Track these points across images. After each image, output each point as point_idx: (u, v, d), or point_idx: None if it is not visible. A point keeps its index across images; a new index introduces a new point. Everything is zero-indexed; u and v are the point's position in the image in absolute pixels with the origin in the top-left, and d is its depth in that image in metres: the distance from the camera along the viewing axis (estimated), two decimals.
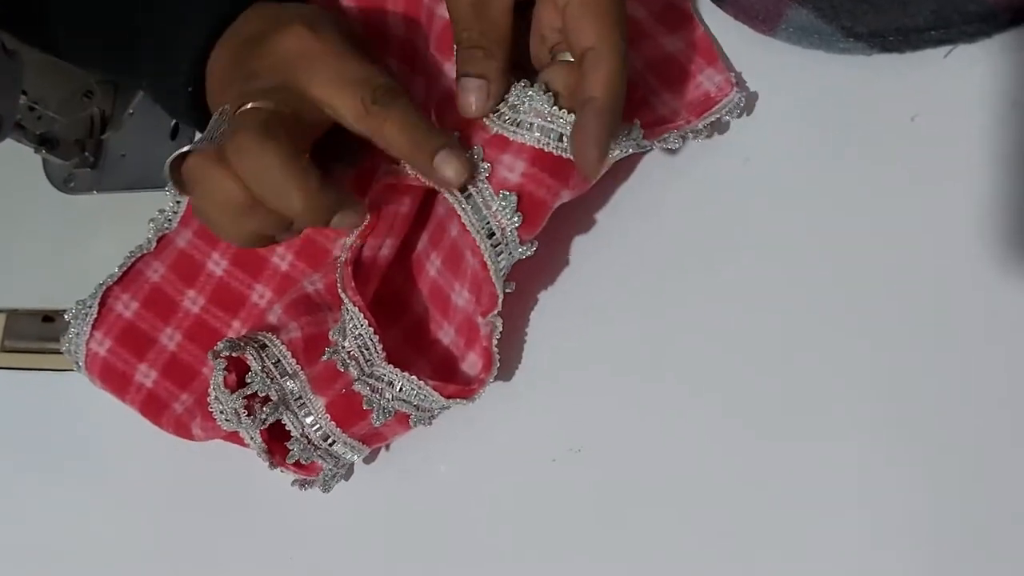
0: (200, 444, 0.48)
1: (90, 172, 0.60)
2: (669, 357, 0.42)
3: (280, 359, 0.43)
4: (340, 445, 0.43)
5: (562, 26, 0.38)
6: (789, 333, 0.40)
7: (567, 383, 0.44)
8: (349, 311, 0.41)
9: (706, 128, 0.43)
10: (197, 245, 0.48)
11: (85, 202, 0.60)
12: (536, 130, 0.39)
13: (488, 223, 0.39)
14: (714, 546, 0.39)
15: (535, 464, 0.43)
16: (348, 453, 0.43)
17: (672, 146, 0.42)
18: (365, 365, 0.41)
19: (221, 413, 0.43)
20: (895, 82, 0.41)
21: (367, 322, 0.40)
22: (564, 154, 0.39)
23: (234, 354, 0.43)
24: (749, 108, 0.43)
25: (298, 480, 0.45)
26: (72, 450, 0.54)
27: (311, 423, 0.42)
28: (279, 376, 0.43)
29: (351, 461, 0.45)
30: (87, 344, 0.48)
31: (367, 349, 0.41)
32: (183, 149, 0.38)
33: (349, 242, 0.43)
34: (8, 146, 0.55)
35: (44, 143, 0.57)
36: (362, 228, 0.42)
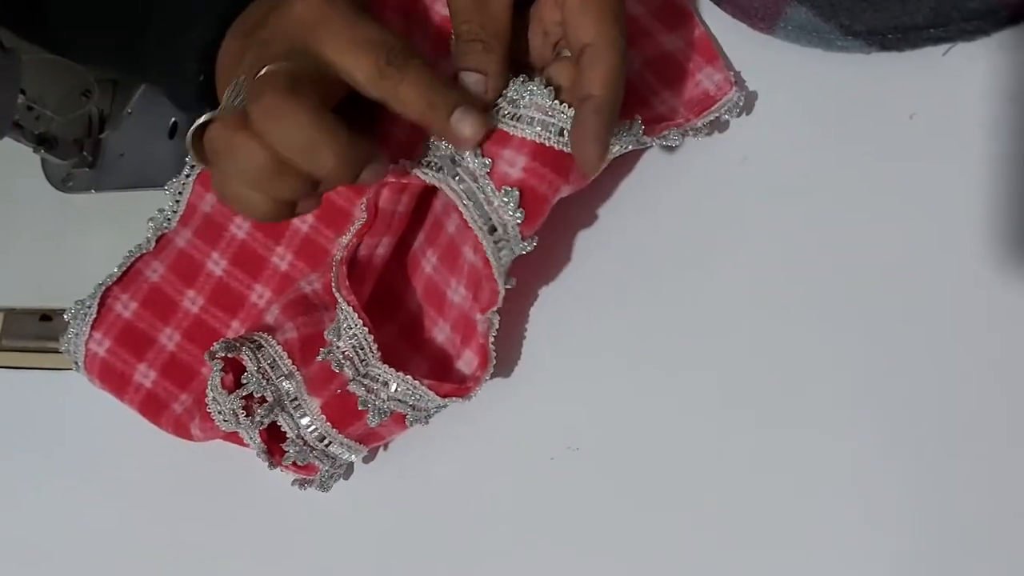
0: (199, 444, 0.48)
1: (88, 171, 0.60)
2: (667, 355, 0.42)
3: (276, 360, 0.43)
4: (336, 446, 0.43)
5: (561, 20, 0.37)
6: (787, 330, 0.40)
7: (565, 380, 0.44)
8: (344, 311, 0.41)
9: (705, 126, 0.43)
10: (196, 245, 0.48)
11: (83, 201, 0.60)
12: (537, 124, 0.39)
13: (490, 219, 0.39)
14: (712, 544, 0.39)
15: (534, 462, 0.43)
16: (345, 454, 0.43)
17: (672, 143, 0.42)
18: (360, 365, 0.41)
19: (219, 414, 0.44)
20: (894, 80, 0.41)
21: (362, 322, 0.40)
22: (565, 148, 0.39)
23: (230, 355, 0.43)
24: (748, 107, 0.43)
25: (298, 480, 0.45)
26: (70, 449, 0.54)
27: (307, 424, 0.42)
28: (275, 377, 0.43)
29: (348, 461, 0.45)
30: (86, 344, 0.48)
31: (362, 349, 0.41)
32: (203, 118, 0.37)
33: (345, 241, 0.43)
34: (6, 145, 0.55)
35: (42, 142, 0.57)
36: (358, 227, 0.42)
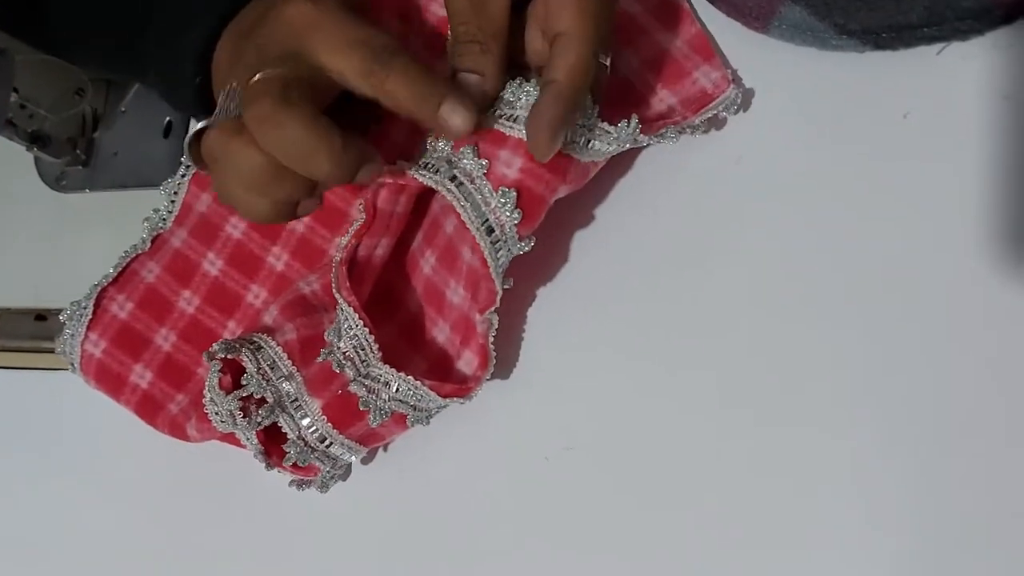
0: (196, 444, 0.48)
1: (82, 170, 0.59)
2: (666, 353, 0.42)
3: (276, 361, 0.43)
4: (337, 446, 0.43)
5: (544, 10, 0.38)
6: (784, 330, 0.40)
7: (564, 379, 0.44)
8: (344, 311, 0.41)
9: (702, 124, 0.43)
10: (192, 245, 0.48)
11: (77, 200, 0.59)
12: None
13: (487, 219, 0.39)
14: (711, 543, 0.40)
15: (533, 462, 0.43)
16: (345, 454, 0.43)
17: (669, 141, 0.42)
18: (361, 366, 0.41)
19: (217, 415, 0.43)
20: (888, 79, 0.41)
21: (362, 322, 0.40)
22: (563, 149, 0.39)
23: (229, 356, 0.43)
24: (744, 105, 0.43)
25: (295, 481, 0.45)
26: (66, 449, 0.54)
27: (307, 425, 0.42)
28: (275, 378, 0.43)
29: (348, 462, 0.45)
30: (82, 345, 0.48)
31: (363, 350, 0.41)
32: (199, 126, 0.38)
33: (344, 242, 0.42)
34: (0, 145, 0.55)
35: (36, 141, 0.57)
36: (357, 228, 0.42)
